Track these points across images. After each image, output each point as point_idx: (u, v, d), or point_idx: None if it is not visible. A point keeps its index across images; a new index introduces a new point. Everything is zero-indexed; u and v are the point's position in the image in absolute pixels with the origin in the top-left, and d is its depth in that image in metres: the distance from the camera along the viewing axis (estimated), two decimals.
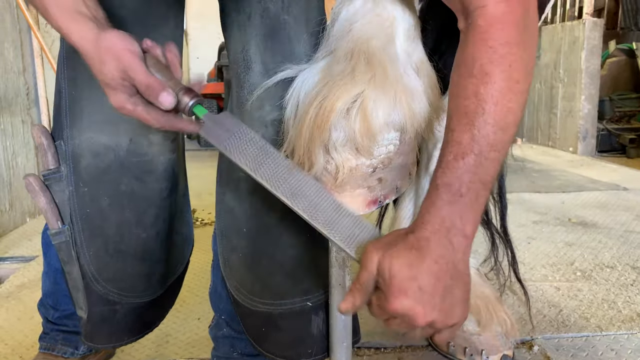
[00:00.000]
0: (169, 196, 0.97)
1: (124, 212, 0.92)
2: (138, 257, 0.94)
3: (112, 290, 0.95)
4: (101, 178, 0.90)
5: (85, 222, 0.92)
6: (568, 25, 4.70)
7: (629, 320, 1.52)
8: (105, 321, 0.98)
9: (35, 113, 2.64)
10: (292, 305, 0.90)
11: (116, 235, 0.92)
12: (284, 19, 0.85)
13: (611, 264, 1.96)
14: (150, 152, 0.91)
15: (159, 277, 1.01)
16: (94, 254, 0.93)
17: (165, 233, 0.98)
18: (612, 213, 2.66)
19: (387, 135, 0.78)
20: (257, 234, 0.90)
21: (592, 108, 4.55)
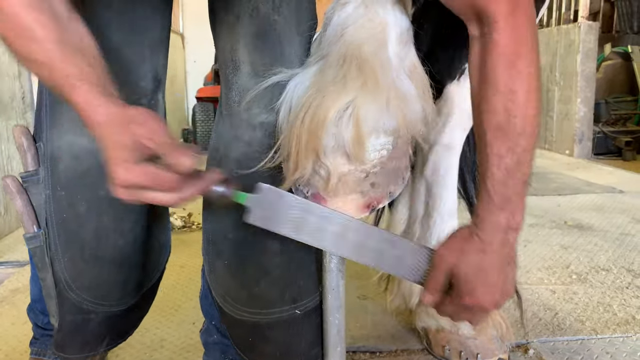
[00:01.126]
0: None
1: (102, 218, 0.89)
2: (115, 264, 0.91)
3: (86, 298, 0.91)
4: (80, 182, 0.88)
5: (62, 227, 0.89)
6: (564, 29, 4.72)
7: (624, 323, 1.52)
8: (78, 330, 0.94)
9: (31, 117, 2.64)
10: (279, 315, 0.88)
11: (93, 242, 0.89)
12: (274, 19, 0.83)
13: (607, 267, 1.96)
14: None
15: (135, 284, 0.98)
16: (69, 261, 0.90)
17: (142, 239, 0.95)
18: (608, 216, 2.66)
19: (380, 140, 0.78)
20: (243, 240, 0.88)
21: (588, 111, 4.57)
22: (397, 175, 0.82)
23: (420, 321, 1.37)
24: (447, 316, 0.83)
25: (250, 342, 0.92)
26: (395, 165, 0.80)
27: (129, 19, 0.84)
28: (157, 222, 1.01)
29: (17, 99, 2.52)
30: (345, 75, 0.73)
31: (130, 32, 0.84)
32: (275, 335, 0.90)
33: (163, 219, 1.05)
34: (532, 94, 0.75)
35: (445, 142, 1.30)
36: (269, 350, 0.91)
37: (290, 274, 0.88)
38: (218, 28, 0.90)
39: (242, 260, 0.88)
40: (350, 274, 1.88)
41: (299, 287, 0.89)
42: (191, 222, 2.48)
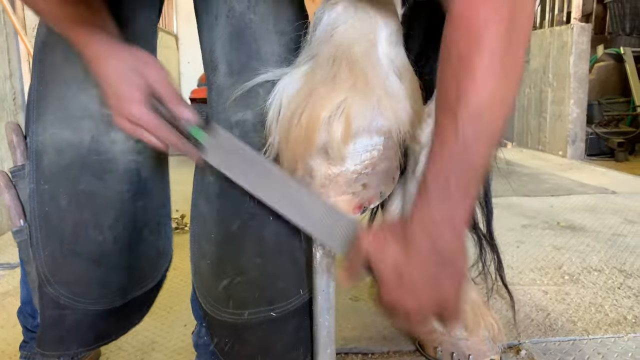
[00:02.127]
0: (133, 200, 0.93)
1: (82, 212, 0.89)
2: (93, 261, 0.91)
3: (63, 293, 0.91)
4: (62, 175, 0.88)
5: (44, 220, 0.90)
6: (557, 30, 4.74)
7: (615, 324, 1.52)
8: (54, 326, 0.94)
9: (22, 118, 2.62)
10: (255, 316, 0.88)
11: (72, 236, 0.89)
12: (249, 18, 0.84)
13: (599, 268, 1.97)
14: (112, 150, 0.89)
15: (118, 286, 0.96)
16: (48, 254, 0.90)
17: (126, 239, 0.94)
18: (601, 217, 2.68)
19: (371, 141, 0.78)
20: (222, 240, 0.89)
21: (581, 112, 4.59)
22: (388, 175, 0.82)
23: None
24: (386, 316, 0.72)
25: (228, 343, 0.91)
26: (386, 166, 0.80)
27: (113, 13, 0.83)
28: (152, 228, 1.00)
29: (8, 100, 2.51)
30: (335, 75, 0.72)
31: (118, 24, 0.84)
32: (251, 337, 0.89)
33: (162, 225, 1.02)
34: (500, 75, 0.62)
35: None
36: (246, 352, 0.91)
37: (267, 276, 0.88)
38: (200, 30, 0.92)
39: (222, 261, 0.88)
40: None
41: (276, 290, 0.88)
42: (184, 223, 2.46)
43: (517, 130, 5.45)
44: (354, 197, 0.81)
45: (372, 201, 0.82)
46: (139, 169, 0.92)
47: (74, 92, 0.86)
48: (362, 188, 0.80)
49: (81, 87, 0.86)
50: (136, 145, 0.91)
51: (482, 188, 1.47)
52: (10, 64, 2.54)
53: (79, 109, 0.86)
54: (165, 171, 1.02)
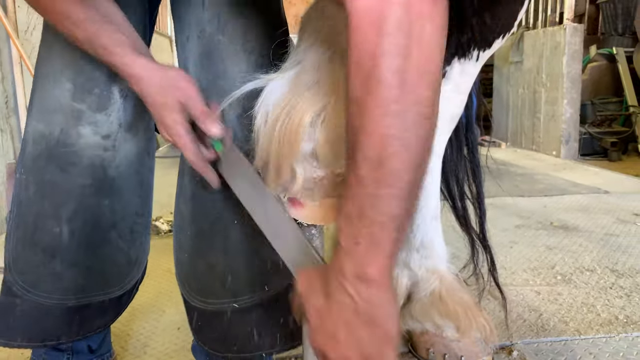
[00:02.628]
0: (95, 196, 0.95)
1: (44, 202, 0.92)
2: (47, 253, 0.93)
3: (17, 281, 0.93)
4: (33, 165, 0.93)
5: (18, 208, 0.95)
6: (549, 31, 4.76)
7: (607, 324, 1.53)
8: (4, 313, 0.95)
9: (15, 122, 2.61)
10: (220, 305, 0.95)
11: (32, 225, 0.93)
12: (218, 39, 0.89)
13: (591, 267, 1.98)
14: (77, 143, 0.92)
15: (73, 283, 0.96)
16: (14, 242, 0.94)
17: (86, 236, 0.95)
18: (593, 216, 2.69)
19: None
20: (195, 236, 0.95)
21: (574, 112, 4.61)
22: None
23: (405, 324, 1.37)
24: None
25: (199, 326, 0.99)
26: None
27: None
28: (122, 232, 0.99)
29: (0, 104, 2.50)
30: (320, 80, 0.73)
31: None
32: (217, 323, 0.96)
33: (136, 234, 1.02)
34: (390, 105, 0.54)
35: None
36: (213, 336, 0.98)
37: (231, 271, 0.94)
38: (176, 47, 0.98)
39: (195, 255, 0.95)
40: None
41: (239, 284, 0.94)
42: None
43: (511, 131, 5.47)
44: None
45: None
46: (105, 166, 0.94)
47: (51, 86, 0.91)
48: None
49: (56, 81, 0.91)
50: (103, 142, 0.93)
51: (475, 189, 1.48)
52: (2, 67, 2.53)
53: (53, 102, 0.91)
54: (145, 183, 1.02)
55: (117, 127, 0.94)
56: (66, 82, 0.90)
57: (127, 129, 0.95)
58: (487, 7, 1.14)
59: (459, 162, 1.44)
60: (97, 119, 0.92)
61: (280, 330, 0.96)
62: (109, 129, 0.93)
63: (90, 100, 0.91)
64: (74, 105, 0.90)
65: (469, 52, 1.21)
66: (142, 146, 0.99)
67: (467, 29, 1.18)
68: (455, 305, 1.31)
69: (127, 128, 0.95)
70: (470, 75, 1.24)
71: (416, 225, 1.36)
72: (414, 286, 1.38)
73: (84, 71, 0.90)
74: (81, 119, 0.91)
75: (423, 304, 1.34)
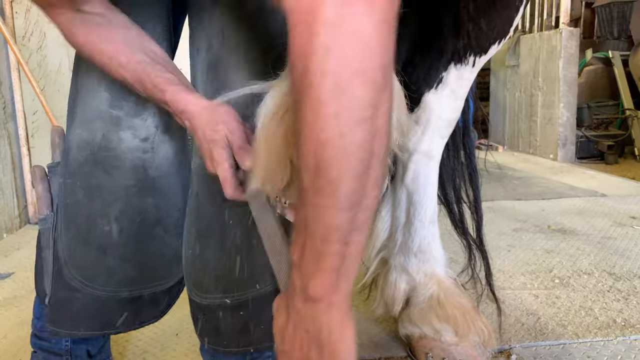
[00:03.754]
0: (139, 195, 1.02)
1: (93, 204, 1.00)
2: (100, 249, 1.01)
3: (75, 276, 1.01)
4: (79, 170, 1.00)
5: (65, 211, 1.02)
6: (546, 35, 4.78)
7: (605, 327, 1.53)
8: (65, 306, 1.03)
9: (12, 127, 2.61)
10: (213, 300, 1.00)
11: (84, 225, 1.00)
12: (222, 52, 0.95)
13: (588, 271, 1.98)
14: (119, 147, 0.99)
15: (125, 277, 1.03)
16: (67, 241, 1.01)
17: (133, 233, 1.02)
18: (590, 220, 2.70)
19: None
20: (197, 234, 1.01)
21: (571, 115, 4.63)
22: None
23: (404, 328, 1.38)
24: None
25: (197, 319, 1.06)
26: None
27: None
28: (167, 228, 1.07)
29: None
30: None
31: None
32: (211, 317, 1.02)
33: (182, 229, 1.08)
34: (321, 107, 0.51)
35: (424, 150, 1.31)
36: (208, 328, 1.04)
37: (224, 268, 1.00)
38: (189, 58, 1.04)
39: (195, 250, 1.02)
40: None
41: (230, 281, 0.99)
42: None
43: (508, 134, 5.49)
44: None
45: None
46: (146, 167, 1.02)
47: (90, 96, 0.99)
48: None
49: (95, 91, 0.99)
50: (142, 145, 1.01)
51: (472, 194, 1.49)
52: (0, 73, 2.53)
53: (93, 110, 0.99)
54: (184, 180, 1.09)
55: (154, 130, 1.01)
56: (103, 92, 0.98)
57: (164, 131, 1.02)
58: (482, 13, 1.15)
59: (456, 166, 1.45)
60: (134, 123, 0.99)
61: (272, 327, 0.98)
62: (146, 132, 1.01)
63: (127, 107, 0.99)
64: (112, 112, 0.98)
65: (465, 58, 1.22)
66: (178, 146, 1.06)
67: (463, 34, 1.20)
68: (453, 309, 1.31)
69: (163, 130, 1.02)
70: (466, 80, 1.25)
71: (414, 229, 1.37)
72: (412, 291, 1.38)
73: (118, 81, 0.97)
74: (120, 124, 0.98)
75: (421, 308, 1.34)
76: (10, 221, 2.58)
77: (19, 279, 1.98)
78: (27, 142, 2.65)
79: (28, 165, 2.66)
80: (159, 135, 1.02)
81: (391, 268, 1.42)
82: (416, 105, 1.27)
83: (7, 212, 2.56)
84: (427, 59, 1.24)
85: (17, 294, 1.83)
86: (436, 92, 1.25)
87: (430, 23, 1.26)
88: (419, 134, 1.28)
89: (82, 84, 1.01)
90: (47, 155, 3.07)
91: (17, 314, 1.67)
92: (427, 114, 1.26)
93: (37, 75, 2.83)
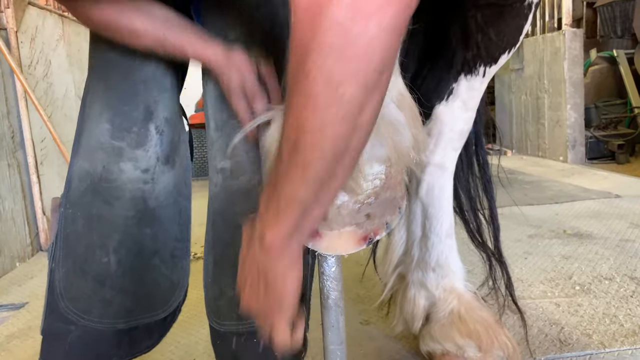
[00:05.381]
0: (138, 226, 1.02)
1: (92, 235, 1.00)
2: (97, 280, 1.00)
3: (71, 309, 1.00)
4: (80, 201, 1.00)
5: (64, 241, 1.01)
6: (549, 37, 4.77)
7: (631, 335, 1.49)
8: (59, 339, 1.01)
9: (22, 156, 2.62)
10: (229, 327, 1.02)
11: (83, 256, 1.00)
12: None
13: (609, 276, 1.94)
14: (120, 178, 0.99)
15: (122, 308, 1.02)
16: (64, 272, 1.00)
17: (131, 264, 1.02)
18: (607, 222, 2.65)
19: (372, 170, 0.77)
20: (213, 262, 1.03)
21: (579, 116, 4.60)
22: (393, 205, 0.81)
23: (425, 345, 1.35)
24: None
25: (217, 344, 1.06)
26: (390, 195, 0.78)
27: (129, 59, 1.00)
28: (164, 258, 1.06)
29: (6, 138, 2.51)
30: None
31: (128, 69, 1.00)
32: (228, 342, 1.03)
33: (177, 258, 1.09)
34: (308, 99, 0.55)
35: (437, 162, 1.29)
36: (226, 354, 1.05)
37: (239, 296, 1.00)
38: (202, 86, 1.06)
39: (213, 278, 1.03)
40: (353, 297, 1.86)
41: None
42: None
43: (516, 138, 5.45)
44: (358, 229, 0.79)
45: (377, 232, 0.81)
46: (146, 198, 1.02)
47: (93, 127, 1.00)
48: (366, 219, 0.79)
49: (97, 122, 0.99)
50: (143, 176, 1.01)
51: (488, 204, 1.46)
52: (8, 102, 2.54)
53: (94, 141, 0.99)
54: (183, 210, 1.10)
55: (155, 161, 1.02)
56: (105, 123, 0.99)
57: (164, 162, 1.03)
58: (491, 23, 1.14)
59: (470, 177, 1.42)
60: (136, 154, 1.00)
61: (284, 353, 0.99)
62: (147, 163, 1.01)
63: (129, 138, 0.99)
64: (114, 143, 0.99)
65: (475, 69, 1.20)
66: (178, 176, 1.07)
67: (472, 45, 1.18)
68: (475, 323, 1.28)
69: (164, 161, 1.03)
70: (477, 91, 1.24)
71: (431, 243, 1.34)
72: (432, 307, 1.36)
73: (121, 112, 0.99)
74: (122, 155, 0.99)
75: (442, 324, 1.31)
76: (23, 250, 2.58)
77: (33, 309, 1.97)
78: (37, 170, 2.66)
79: (38, 193, 2.67)
80: (160, 166, 1.03)
81: (409, 284, 1.39)
82: (427, 117, 1.25)
83: (19, 241, 2.56)
84: (437, 71, 1.23)
85: (31, 325, 1.82)
86: (447, 103, 1.23)
87: (439, 34, 1.25)
88: (431, 146, 1.26)
89: (87, 115, 1.02)
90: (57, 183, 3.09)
91: (33, 345, 1.66)
92: (439, 126, 1.25)
93: (44, 103, 2.85)
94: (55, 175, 2.90)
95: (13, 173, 2.54)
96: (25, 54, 2.70)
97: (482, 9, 1.13)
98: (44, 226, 2.70)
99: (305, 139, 0.57)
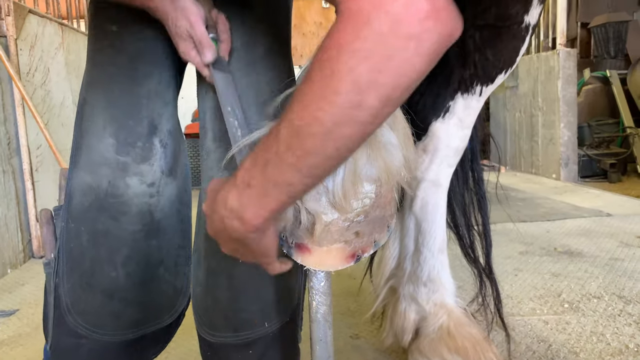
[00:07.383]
0: (145, 239, 1.02)
1: (99, 250, 0.99)
2: (106, 294, 0.99)
3: (81, 323, 0.99)
4: (84, 216, 0.99)
5: (68, 255, 1.00)
6: (543, 56, 4.83)
7: (618, 353, 1.51)
8: (69, 354, 1.01)
9: (17, 162, 2.63)
10: (223, 339, 1.01)
11: (89, 271, 0.99)
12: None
13: (598, 294, 1.96)
14: (126, 194, 0.99)
15: (131, 319, 1.02)
16: (70, 287, 0.99)
17: (139, 276, 1.02)
18: (597, 241, 2.68)
19: (363, 189, 0.78)
20: (206, 272, 1.02)
21: (572, 135, 4.65)
22: (382, 223, 0.82)
23: (413, 359, 1.36)
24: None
25: (208, 356, 1.06)
26: (379, 214, 0.80)
27: (130, 73, 0.99)
28: (168, 267, 1.07)
29: (2, 145, 2.52)
30: None
31: (130, 83, 0.99)
32: (221, 355, 1.03)
33: (180, 266, 1.10)
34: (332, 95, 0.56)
35: (431, 178, 1.31)
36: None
37: (234, 307, 1.01)
38: (197, 97, 1.06)
39: (206, 288, 1.03)
40: (342, 311, 1.87)
41: (240, 320, 1.01)
42: None
43: (510, 154, 5.50)
44: (347, 246, 0.81)
45: (366, 250, 0.82)
46: (152, 211, 1.02)
47: (95, 141, 0.99)
48: (355, 236, 0.80)
49: (100, 137, 0.98)
50: (149, 190, 1.01)
51: (481, 220, 1.48)
52: (5, 109, 2.55)
53: (99, 156, 0.98)
54: (184, 218, 1.10)
55: (160, 174, 1.02)
56: (109, 138, 0.98)
57: (168, 174, 1.04)
58: (489, 43, 1.16)
59: (464, 193, 1.44)
60: (141, 169, 1.00)
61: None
62: (153, 177, 1.01)
63: (134, 153, 0.99)
64: (119, 158, 0.98)
65: (472, 87, 1.22)
66: (180, 186, 1.07)
67: (469, 64, 1.21)
68: (463, 340, 1.29)
69: (167, 173, 1.04)
70: (473, 109, 1.26)
71: (423, 258, 1.36)
72: (422, 321, 1.37)
73: (126, 127, 0.98)
74: (127, 170, 0.98)
75: (431, 339, 1.32)
76: (15, 256, 2.58)
77: (23, 316, 1.96)
78: (32, 176, 2.66)
79: (32, 199, 2.67)
80: (164, 179, 1.03)
81: (400, 297, 1.41)
82: (423, 133, 1.27)
83: (12, 247, 2.56)
84: (434, 88, 1.25)
85: (22, 332, 1.81)
86: (443, 121, 1.26)
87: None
88: (426, 163, 1.28)
89: (86, 128, 1.00)
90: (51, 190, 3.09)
91: (23, 352, 1.65)
92: (435, 143, 1.27)
93: (41, 110, 2.86)
94: (50, 183, 2.91)
95: (8, 179, 2.55)
96: (24, 61, 2.72)
97: (480, 29, 1.16)
98: (37, 233, 2.69)
99: (311, 128, 0.58)
